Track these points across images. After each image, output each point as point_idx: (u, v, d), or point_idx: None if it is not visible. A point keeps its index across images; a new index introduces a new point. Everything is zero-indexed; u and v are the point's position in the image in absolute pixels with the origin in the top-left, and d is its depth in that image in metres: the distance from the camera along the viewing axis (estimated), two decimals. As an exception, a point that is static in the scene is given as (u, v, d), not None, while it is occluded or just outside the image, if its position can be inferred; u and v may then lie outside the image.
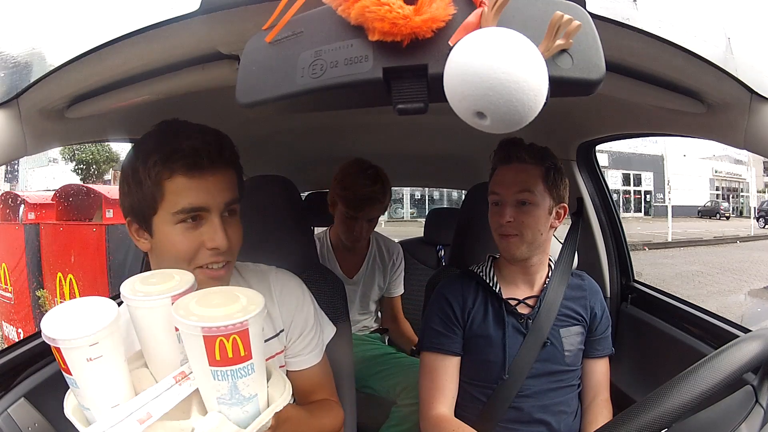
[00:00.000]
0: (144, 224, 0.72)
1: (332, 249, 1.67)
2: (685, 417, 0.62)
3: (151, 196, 0.69)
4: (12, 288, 4.96)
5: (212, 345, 0.53)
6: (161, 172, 0.68)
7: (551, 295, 1.04)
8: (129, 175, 0.71)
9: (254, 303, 0.57)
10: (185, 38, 0.62)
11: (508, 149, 1.03)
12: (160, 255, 0.73)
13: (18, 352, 0.94)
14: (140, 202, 0.70)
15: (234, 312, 0.55)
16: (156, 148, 0.69)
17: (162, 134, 0.71)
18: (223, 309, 0.55)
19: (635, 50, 0.62)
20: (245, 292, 0.60)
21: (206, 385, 0.57)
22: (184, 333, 0.55)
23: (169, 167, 0.68)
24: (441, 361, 1.05)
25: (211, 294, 0.59)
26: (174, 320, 0.55)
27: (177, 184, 0.69)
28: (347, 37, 0.51)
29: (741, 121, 0.68)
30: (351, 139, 1.75)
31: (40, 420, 0.87)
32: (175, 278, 0.63)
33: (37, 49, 0.64)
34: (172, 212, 0.69)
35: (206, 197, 0.70)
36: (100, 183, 12.53)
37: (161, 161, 0.68)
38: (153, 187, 0.69)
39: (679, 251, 11.92)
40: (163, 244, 0.71)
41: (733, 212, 21.49)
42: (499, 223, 1.01)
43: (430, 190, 17.00)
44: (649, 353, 1.24)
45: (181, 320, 0.54)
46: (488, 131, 0.47)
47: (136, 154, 0.71)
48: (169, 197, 0.69)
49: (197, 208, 0.70)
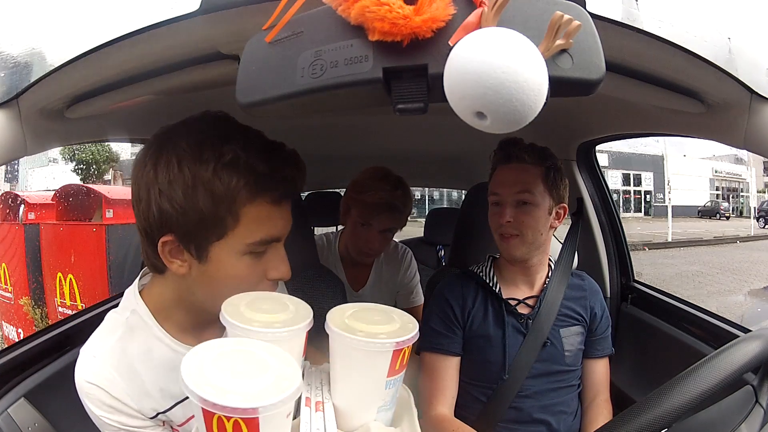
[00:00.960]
0: (194, 248, 0.59)
1: (340, 259, 1.50)
2: (686, 417, 0.62)
3: (220, 220, 0.57)
4: (12, 288, 4.96)
5: (397, 356, 0.54)
6: (244, 197, 0.57)
7: (551, 295, 1.04)
8: (180, 183, 0.56)
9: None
10: (185, 38, 0.62)
11: (508, 149, 1.03)
12: (207, 283, 0.61)
13: (18, 352, 0.94)
14: (199, 222, 0.57)
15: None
16: (241, 166, 0.57)
17: (239, 144, 0.58)
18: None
19: (635, 50, 0.62)
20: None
21: (375, 396, 0.56)
22: (371, 352, 0.53)
23: (257, 193, 0.58)
24: (441, 362, 1.05)
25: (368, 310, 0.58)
26: (361, 343, 0.53)
27: (260, 211, 0.59)
28: (347, 37, 0.51)
29: (741, 121, 0.68)
30: (351, 139, 1.75)
31: (40, 420, 0.87)
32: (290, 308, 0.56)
33: (37, 49, 0.64)
34: (247, 242, 0.59)
35: (283, 226, 0.62)
36: (100, 183, 12.52)
37: (249, 185, 0.57)
38: (226, 210, 0.57)
39: (679, 251, 11.91)
40: (219, 273, 0.60)
41: (733, 212, 21.47)
42: (499, 224, 1.01)
43: (430, 190, 16.99)
44: (649, 353, 1.24)
45: (369, 341, 0.53)
46: (488, 131, 0.47)
47: (199, 158, 0.56)
48: (246, 225, 0.58)
49: (274, 239, 0.61)
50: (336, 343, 0.54)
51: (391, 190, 1.30)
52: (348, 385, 0.57)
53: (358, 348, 0.53)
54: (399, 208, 1.32)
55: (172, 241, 0.59)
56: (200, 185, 0.56)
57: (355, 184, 1.35)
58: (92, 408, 0.64)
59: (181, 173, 0.57)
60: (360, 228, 1.35)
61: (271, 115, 0.57)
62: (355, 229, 1.36)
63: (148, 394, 0.65)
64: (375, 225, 1.33)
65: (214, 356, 0.47)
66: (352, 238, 1.39)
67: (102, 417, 0.64)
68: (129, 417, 0.65)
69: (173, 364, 0.61)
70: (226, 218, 0.58)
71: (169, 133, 0.60)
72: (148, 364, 0.65)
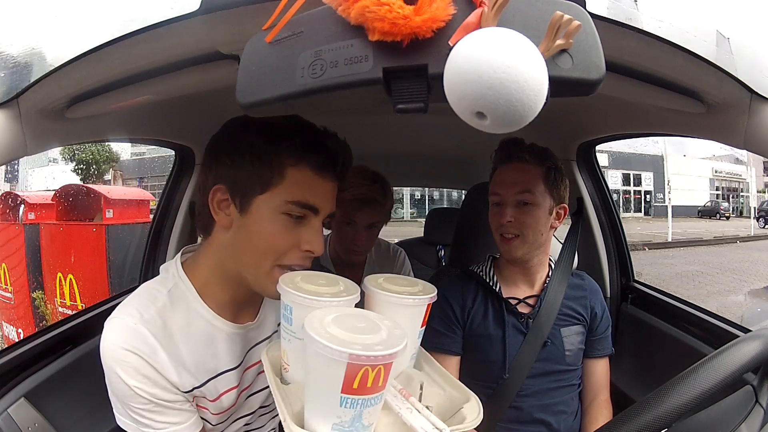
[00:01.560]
0: (239, 198, 0.66)
1: (331, 262, 1.49)
2: (685, 417, 0.62)
3: (266, 175, 0.65)
4: (12, 288, 4.96)
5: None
6: (291, 157, 0.65)
7: (551, 295, 1.04)
8: (240, 144, 0.66)
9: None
10: (185, 38, 0.62)
11: (509, 149, 1.03)
12: (245, 237, 0.67)
13: (18, 352, 0.94)
14: (248, 175, 0.65)
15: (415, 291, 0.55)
16: (296, 132, 0.66)
17: (303, 123, 0.68)
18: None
19: (635, 50, 0.62)
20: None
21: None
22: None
23: (303, 156, 0.65)
24: (441, 361, 1.04)
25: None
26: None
27: (303, 176, 0.66)
28: (347, 37, 0.51)
29: (741, 121, 0.68)
30: (351, 139, 1.74)
31: (40, 420, 0.87)
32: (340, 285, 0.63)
33: (37, 49, 0.64)
34: (286, 200, 0.65)
35: (321, 200, 0.68)
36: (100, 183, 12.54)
37: (296, 147, 0.65)
38: (273, 167, 0.65)
39: (679, 251, 11.91)
40: (257, 227, 0.66)
41: (733, 212, 21.50)
42: (499, 224, 1.02)
43: (430, 190, 17.01)
44: (649, 353, 1.24)
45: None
46: (488, 131, 0.47)
47: (257, 128, 0.66)
48: (288, 184, 0.65)
49: (311, 206, 0.67)
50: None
51: (369, 184, 1.31)
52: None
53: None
54: (379, 201, 1.32)
55: (223, 191, 0.67)
56: (247, 143, 0.66)
57: None
58: (125, 377, 0.62)
59: (237, 137, 0.68)
60: (345, 228, 1.36)
61: (271, 115, 0.57)
62: (341, 229, 1.37)
63: (186, 368, 0.67)
64: (359, 221, 1.33)
65: (333, 319, 0.53)
66: (338, 239, 1.40)
67: (135, 387, 0.63)
68: (163, 390, 0.65)
69: (211, 338, 0.69)
70: (272, 174, 0.65)
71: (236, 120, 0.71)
72: (187, 337, 0.67)
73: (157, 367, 0.64)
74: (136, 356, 0.63)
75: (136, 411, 0.64)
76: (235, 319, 0.72)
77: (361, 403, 0.51)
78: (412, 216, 18.73)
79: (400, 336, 0.53)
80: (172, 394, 0.66)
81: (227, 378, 0.71)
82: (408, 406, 0.58)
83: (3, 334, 5.10)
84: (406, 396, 0.60)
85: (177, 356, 0.66)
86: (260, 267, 0.67)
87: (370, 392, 0.50)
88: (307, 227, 0.67)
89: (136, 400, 0.64)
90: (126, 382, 0.63)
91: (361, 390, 0.50)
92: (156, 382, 0.64)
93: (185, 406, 0.68)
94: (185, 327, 0.67)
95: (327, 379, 0.50)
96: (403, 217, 19.06)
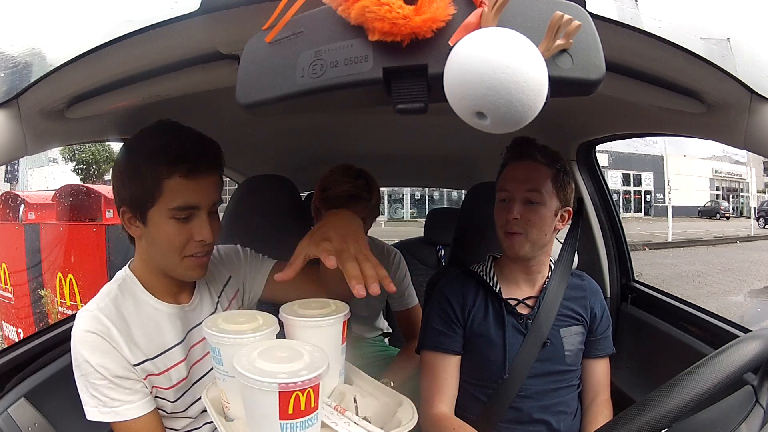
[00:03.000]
0: (138, 214, 0.79)
1: None
2: (685, 417, 0.62)
3: (150, 192, 0.76)
4: (12, 288, 4.96)
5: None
6: (163, 172, 0.76)
7: (551, 295, 1.04)
8: (128, 169, 0.78)
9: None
10: (185, 38, 0.62)
11: (522, 147, 1.03)
12: (153, 243, 0.81)
13: (18, 352, 0.94)
14: (138, 195, 0.77)
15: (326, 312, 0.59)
16: (160, 150, 0.76)
17: (164, 136, 0.78)
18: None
19: (635, 50, 0.62)
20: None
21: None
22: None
23: (171, 169, 0.75)
24: (441, 360, 1.05)
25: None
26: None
27: (176, 184, 0.76)
28: (347, 37, 0.51)
29: (741, 121, 0.68)
30: (351, 138, 1.75)
31: (40, 420, 0.87)
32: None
33: (37, 49, 0.64)
34: (169, 208, 0.77)
35: (199, 197, 0.78)
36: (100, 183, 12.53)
37: (164, 163, 0.75)
38: (153, 185, 0.76)
39: (679, 251, 11.91)
40: (157, 233, 0.79)
41: (733, 212, 21.50)
42: (506, 219, 1.01)
43: (430, 190, 17.01)
44: (649, 353, 1.24)
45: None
46: (488, 131, 0.47)
47: (137, 150, 0.79)
48: (167, 195, 0.76)
49: (190, 206, 0.78)
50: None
51: (352, 181, 1.31)
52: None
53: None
54: (364, 197, 1.32)
55: (126, 210, 0.80)
56: (131, 165, 0.78)
57: (319, 185, 1.36)
58: (87, 355, 0.76)
59: (125, 163, 0.80)
60: None
61: (271, 114, 0.57)
62: None
63: (137, 345, 0.80)
64: None
65: (258, 353, 0.58)
66: None
67: (95, 364, 0.76)
68: (118, 366, 0.77)
69: (156, 318, 0.84)
70: (154, 190, 0.76)
71: (126, 143, 0.84)
72: (135, 318, 0.82)
73: (112, 344, 0.77)
74: (94, 335, 0.76)
75: (96, 388, 0.76)
76: (176, 302, 0.87)
77: (300, 426, 0.55)
78: (412, 216, 18.74)
79: (322, 358, 0.58)
80: (126, 371, 0.78)
81: (174, 353, 0.84)
82: (345, 420, 0.62)
83: (3, 334, 5.10)
84: (341, 411, 0.64)
85: (128, 335, 0.80)
86: (171, 260, 0.80)
87: (306, 414, 0.55)
88: (195, 222, 0.79)
89: (96, 376, 0.76)
90: (88, 360, 0.76)
91: (297, 414, 0.54)
92: (113, 357, 0.77)
93: (137, 386, 0.80)
94: (134, 312, 0.82)
95: (264, 409, 0.54)
96: (403, 217, 19.07)
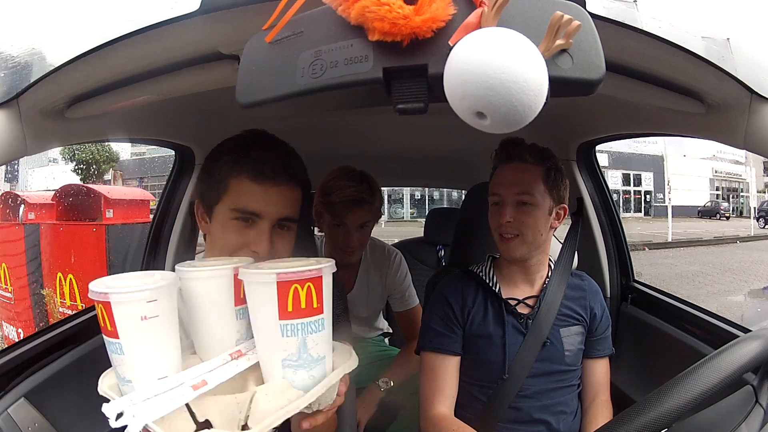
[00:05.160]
0: (207, 209, 0.81)
1: None
2: (685, 417, 0.62)
3: (216, 188, 0.78)
4: (12, 288, 4.96)
5: (285, 293, 0.53)
6: (231, 170, 0.77)
7: (551, 295, 1.04)
8: (206, 163, 0.82)
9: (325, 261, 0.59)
10: (185, 38, 0.62)
11: (509, 149, 1.03)
12: (213, 239, 0.81)
13: (18, 352, 0.94)
14: (208, 190, 0.80)
15: (307, 264, 0.57)
16: (230, 150, 0.78)
17: (240, 139, 0.80)
18: (295, 264, 0.57)
19: (635, 50, 0.62)
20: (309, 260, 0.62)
21: (273, 346, 0.56)
22: (255, 284, 0.55)
23: (239, 168, 0.76)
24: (441, 361, 1.05)
25: (278, 261, 0.63)
26: (244, 275, 0.56)
27: (241, 185, 0.76)
28: (347, 37, 0.51)
29: (741, 121, 0.68)
30: (351, 139, 1.75)
31: (40, 420, 0.87)
32: (234, 260, 0.68)
33: (37, 49, 0.64)
34: (230, 208, 0.77)
35: (262, 205, 0.76)
36: (100, 183, 12.54)
37: (234, 161, 0.77)
38: (220, 181, 0.78)
39: (679, 251, 11.91)
40: (217, 230, 0.79)
41: (733, 212, 21.50)
42: (499, 223, 1.02)
43: (430, 190, 17.01)
44: (649, 353, 1.24)
45: (253, 272, 0.55)
46: (488, 131, 0.47)
47: (219, 148, 0.81)
48: (231, 193, 0.77)
49: (251, 212, 0.76)
50: None
51: (356, 185, 1.32)
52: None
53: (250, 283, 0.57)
54: (368, 201, 1.33)
55: (198, 204, 0.83)
56: (209, 162, 0.81)
57: (321, 188, 1.36)
58: None
59: (208, 158, 0.82)
60: (336, 230, 1.36)
61: (271, 114, 0.57)
62: (332, 231, 1.37)
63: None
64: (349, 223, 1.34)
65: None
66: (331, 241, 1.40)
67: None
68: None
69: None
70: (221, 187, 0.77)
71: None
72: None
73: None
74: None
75: None
76: None
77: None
78: (412, 216, 18.73)
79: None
80: None
81: None
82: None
83: (3, 334, 5.10)
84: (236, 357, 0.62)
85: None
86: None
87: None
88: (254, 230, 0.77)
89: None
90: None
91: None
92: None
93: None
94: None
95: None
96: (403, 217, 19.06)
